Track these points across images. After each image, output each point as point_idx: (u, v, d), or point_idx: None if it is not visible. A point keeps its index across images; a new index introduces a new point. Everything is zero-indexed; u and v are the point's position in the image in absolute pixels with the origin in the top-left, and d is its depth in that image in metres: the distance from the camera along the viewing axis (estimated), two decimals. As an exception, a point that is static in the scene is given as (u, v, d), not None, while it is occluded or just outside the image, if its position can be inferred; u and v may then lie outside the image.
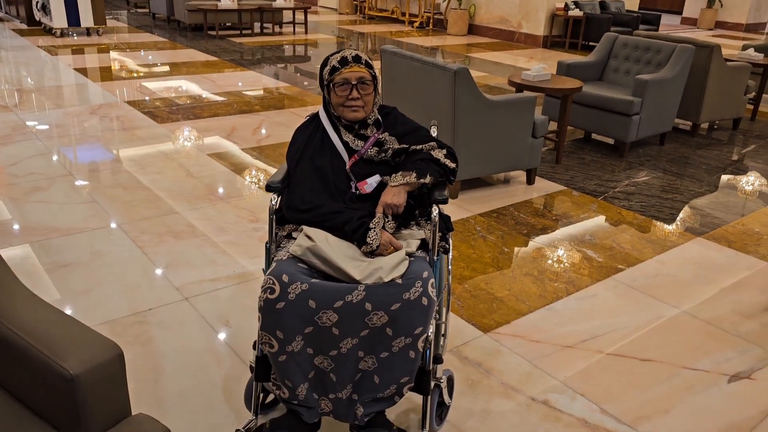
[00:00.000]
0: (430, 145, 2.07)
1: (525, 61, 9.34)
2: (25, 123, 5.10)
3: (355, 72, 2.00)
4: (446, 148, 2.09)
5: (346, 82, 2.00)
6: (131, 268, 3.00)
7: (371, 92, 2.04)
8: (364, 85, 2.01)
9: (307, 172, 2.01)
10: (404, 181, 1.96)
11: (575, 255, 3.37)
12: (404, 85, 4.09)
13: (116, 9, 13.28)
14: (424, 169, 1.98)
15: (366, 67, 2.02)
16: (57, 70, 7.22)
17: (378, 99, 2.11)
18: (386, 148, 2.06)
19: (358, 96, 2.01)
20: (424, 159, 2.02)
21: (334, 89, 2.02)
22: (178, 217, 3.58)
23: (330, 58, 2.04)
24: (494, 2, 11.22)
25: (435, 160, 2.02)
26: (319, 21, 12.91)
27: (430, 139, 2.11)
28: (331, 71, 2.02)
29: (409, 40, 10.95)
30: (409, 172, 1.97)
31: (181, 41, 9.64)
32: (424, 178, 1.97)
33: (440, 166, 2.02)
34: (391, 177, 1.99)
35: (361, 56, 2.03)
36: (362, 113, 2.04)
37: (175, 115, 5.59)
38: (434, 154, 2.04)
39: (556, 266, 3.24)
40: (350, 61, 2.00)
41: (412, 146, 2.06)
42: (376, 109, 2.10)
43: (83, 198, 3.75)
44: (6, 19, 10.80)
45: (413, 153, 2.06)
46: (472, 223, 3.71)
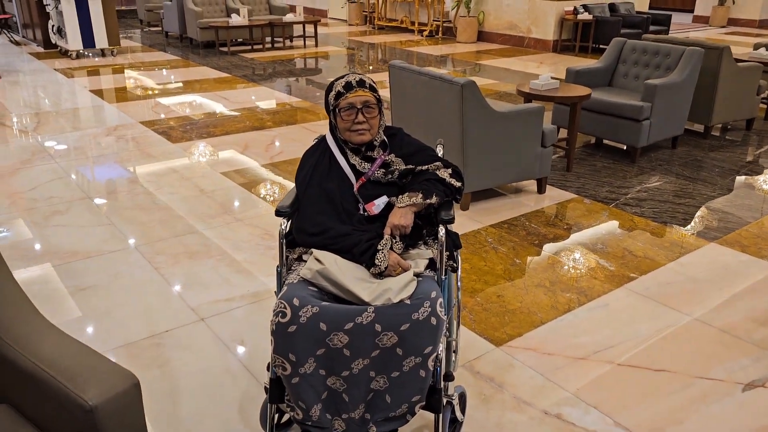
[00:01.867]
0: (436, 165, 2.11)
1: (535, 67, 9.34)
2: (44, 146, 5.22)
3: (359, 96, 2.04)
4: (451, 168, 2.12)
5: (352, 106, 2.04)
6: (148, 290, 3.06)
7: (376, 115, 2.08)
8: (369, 108, 2.05)
9: (316, 196, 2.05)
10: (410, 202, 1.99)
11: (587, 264, 3.38)
12: (413, 100, 4.14)
13: (130, 28, 13.50)
14: (430, 190, 2.02)
15: (370, 91, 2.06)
16: (73, 92, 7.37)
17: (383, 121, 2.15)
18: (393, 170, 2.10)
19: (364, 119, 2.05)
20: (430, 179, 2.05)
21: (340, 114, 2.06)
22: (193, 236, 3.64)
23: (335, 84, 2.09)
24: (503, 8, 11.25)
25: (441, 180, 2.06)
26: (330, 33, 13.02)
27: (435, 158, 2.14)
28: (336, 96, 2.06)
29: (418, 49, 11.01)
30: (415, 193, 2.01)
31: (193, 59, 9.79)
32: (430, 199, 2.00)
33: (446, 185, 2.06)
34: (397, 198, 2.03)
35: (365, 80, 2.07)
36: (368, 136, 2.08)
37: (189, 133, 5.69)
38: (440, 174, 2.08)
39: (568, 276, 3.25)
40: (354, 86, 2.04)
41: (418, 167, 2.10)
42: (381, 130, 2.15)
43: (101, 220, 3.83)
44: (23, 43, 11.03)
45: (419, 173, 2.10)
46: (483, 234, 3.73)
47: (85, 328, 2.74)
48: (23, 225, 3.75)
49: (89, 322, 2.79)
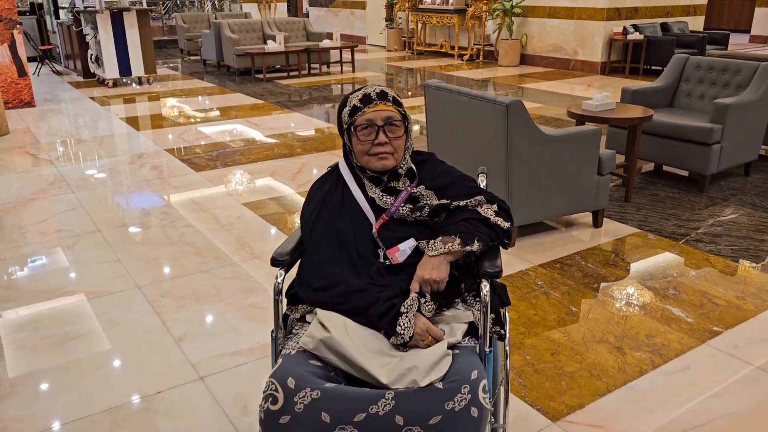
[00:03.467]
0: (477, 200, 1.66)
1: (583, 90, 8.82)
2: (63, 176, 4.97)
3: (380, 111, 1.62)
4: (497, 203, 1.67)
5: (371, 124, 1.62)
6: (146, 340, 2.68)
7: (402, 135, 1.66)
8: (392, 126, 1.64)
9: (324, 239, 1.63)
10: (445, 249, 1.55)
11: (659, 314, 2.85)
12: (451, 122, 3.71)
13: (171, 58, 13.55)
14: (469, 233, 1.57)
15: (394, 105, 1.65)
16: (104, 120, 7.21)
17: (410, 143, 1.72)
18: (422, 205, 1.66)
19: (386, 140, 1.63)
20: (470, 219, 1.61)
21: (356, 133, 1.65)
22: (204, 276, 3.26)
23: (350, 97, 1.68)
24: (547, 30, 10.80)
25: (483, 220, 1.61)
26: (368, 59, 12.77)
27: (476, 191, 1.70)
28: (351, 112, 1.65)
29: (459, 73, 10.63)
30: (451, 237, 1.56)
31: (228, 86, 9.62)
32: (471, 245, 1.55)
33: (490, 226, 1.61)
34: (428, 243, 1.59)
35: (387, 92, 1.66)
36: (392, 161, 1.66)
37: (214, 161, 5.38)
38: (482, 212, 1.63)
39: (636, 329, 2.73)
40: (374, 99, 1.63)
41: (455, 202, 1.66)
42: (408, 155, 1.72)
43: (107, 256, 3.50)
44: (65, 73, 11.11)
45: (456, 211, 1.65)
46: (532, 276, 3.23)
47: (67, 388, 2.36)
48: (24, 261, 3.44)
49: (73, 379, 2.41)
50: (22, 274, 3.30)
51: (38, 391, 2.34)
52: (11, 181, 4.86)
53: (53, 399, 2.30)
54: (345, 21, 15.90)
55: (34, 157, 5.58)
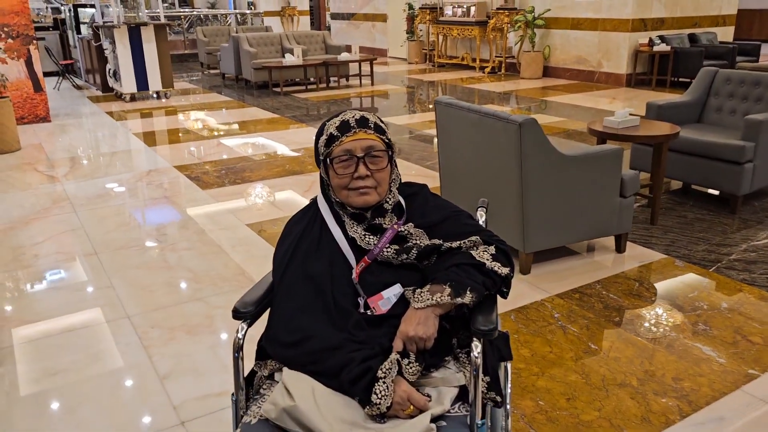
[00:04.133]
0: (472, 241, 1.44)
1: (607, 102, 8.53)
2: (68, 195, 4.87)
3: (360, 140, 1.43)
4: (494, 244, 1.45)
5: (349, 155, 1.43)
6: (128, 378, 2.50)
7: (385, 166, 1.46)
8: (374, 157, 1.44)
9: (297, 284, 1.43)
10: (433, 300, 1.34)
11: (687, 354, 2.59)
12: (462, 141, 3.49)
13: (191, 71, 13.57)
14: (461, 281, 1.35)
15: (376, 133, 1.45)
16: (117, 136, 7.15)
17: (397, 174, 1.52)
18: (410, 246, 1.45)
19: (367, 173, 1.43)
20: (462, 264, 1.39)
21: (333, 166, 1.45)
22: (198, 305, 3.09)
23: (327, 125, 1.49)
24: (571, 42, 10.53)
25: (478, 265, 1.39)
26: (389, 72, 12.63)
27: (471, 230, 1.48)
28: (327, 141, 1.46)
29: (480, 86, 10.41)
30: (440, 286, 1.35)
31: (245, 100, 9.54)
32: (462, 296, 1.34)
33: (486, 273, 1.39)
34: (414, 293, 1.38)
35: (368, 118, 1.46)
36: (374, 196, 1.45)
37: (222, 179, 5.23)
38: (476, 256, 1.41)
39: (662, 371, 2.47)
40: (353, 126, 1.43)
41: (446, 243, 1.44)
42: (395, 188, 1.51)
43: (100, 282, 3.34)
44: (85, 87, 11.16)
45: (448, 253, 1.44)
46: (548, 307, 2.99)
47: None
48: (13, 287, 3.30)
49: (45, 422, 2.24)
50: (3, 301, 3.16)
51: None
52: (15, 200, 4.77)
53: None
54: (366, 34, 15.81)
55: (42, 174, 5.50)
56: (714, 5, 10.59)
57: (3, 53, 7.32)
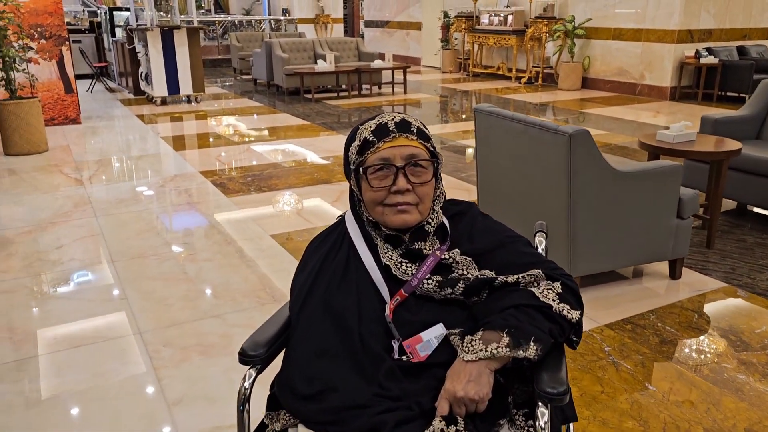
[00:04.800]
0: (533, 276, 1.18)
1: (650, 116, 8.16)
2: (90, 199, 4.73)
3: (401, 147, 1.18)
4: (561, 280, 1.19)
5: (387, 164, 1.18)
6: (132, 403, 2.28)
7: (430, 180, 1.21)
8: (417, 168, 1.19)
9: (317, 322, 1.18)
10: (488, 352, 1.08)
11: (760, 400, 2.27)
12: (503, 153, 3.23)
13: (224, 77, 13.54)
14: (523, 329, 1.09)
15: (419, 139, 1.20)
16: (145, 139, 7.04)
17: (442, 190, 1.27)
18: (455, 278, 1.20)
19: (407, 187, 1.18)
20: (523, 306, 1.13)
21: (367, 177, 1.20)
22: (214, 322, 2.87)
23: (360, 129, 1.25)
24: (612, 53, 10.17)
25: (542, 308, 1.13)
26: (422, 80, 12.40)
27: (532, 260, 1.22)
28: (361, 148, 1.22)
29: (516, 96, 10.11)
30: (496, 334, 1.09)
31: (276, 106, 9.40)
32: (524, 348, 1.08)
33: (552, 318, 1.13)
34: (463, 339, 1.12)
35: (410, 121, 1.22)
36: (415, 215, 1.21)
37: (248, 186, 5.04)
38: (540, 295, 1.15)
39: (731, 420, 2.16)
40: (392, 131, 1.19)
41: (501, 276, 1.19)
42: (438, 207, 1.26)
43: (114, 294, 3.16)
44: (117, 90, 11.17)
45: (502, 289, 1.18)
46: (597, 339, 2.70)
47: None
48: (23, 296, 3.13)
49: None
50: (11, 312, 2.98)
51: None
52: (37, 202, 4.64)
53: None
54: (400, 42, 15.63)
55: (66, 176, 5.39)
56: (766, 17, 10.13)
57: (35, 54, 7.29)
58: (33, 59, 7.30)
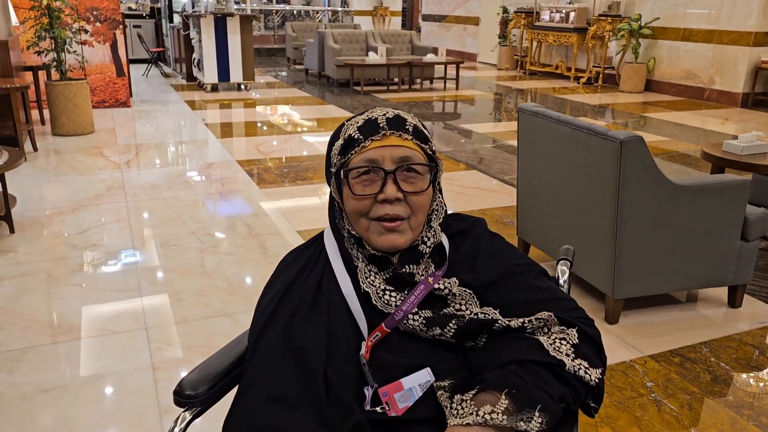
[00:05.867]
0: (542, 320, 0.94)
1: (718, 124, 7.62)
2: (124, 183, 4.68)
3: (391, 147, 0.97)
4: (579, 324, 0.94)
5: (374, 166, 0.96)
6: (124, 408, 2.14)
7: (426, 188, 0.98)
8: (410, 173, 0.97)
9: (275, 359, 0.97)
10: (479, 417, 0.84)
11: (828, 463, 1.94)
12: (546, 158, 2.95)
13: (278, 66, 13.54)
14: (526, 392, 0.86)
15: (415, 139, 0.98)
16: (190, 125, 7.01)
17: (441, 203, 1.04)
18: (447, 314, 0.97)
19: (398, 195, 0.96)
20: (529, 362, 0.89)
21: (349, 182, 0.99)
22: (224, 322, 2.71)
23: (346, 125, 1.03)
24: (679, 55, 9.58)
25: (552, 366, 0.89)
26: (477, 77, 12.05)
27: (545, 296, 0.98)
28: (344, 147, 1.00)
29: (573, 97, 9.66)
30: (493, 395, 0.86)
31: (325, 97, 9.26)
32: (527, 419, 0.84)
33: (564, 380, 0.88)
34: (452, 399, 0.89)
35: (405, 118, 0.99)
36: (408, 235, 0.99)
37: (282, 177, 4.90)
38: (550, 348, 0.91)
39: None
40: (383, 128, 0.97)
41: (503, 319, 0.95)
42: (437, 224, 1.03)
43: (127, 284, 3.05)
44: (172, 75, 11.29)
45: (504, 337, 0.94)
46: (639, 372, 2.40)
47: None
48: (37, 281, 3.06)
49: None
50: (21, 297, 2.90)
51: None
52: (71, 183, 4.62)
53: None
54: (456, 37, 15.28)
55: (106, 159, 5.38)
56: None
57: (90, 36, 7.36)
58: (87, 42, 7.38)
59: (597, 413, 0.93)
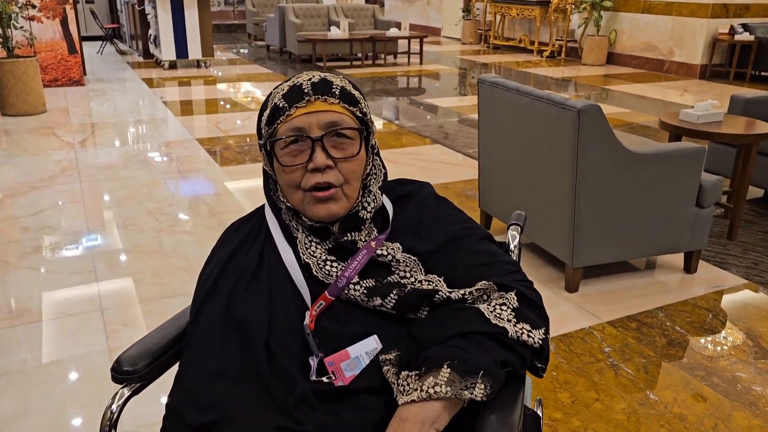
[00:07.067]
0: (482, 289, 0.92)
1: (677, 95, 7.74)
2: (78, 163, 4.54)
3: (317, 114, 0.93)
4: (516, 288, 0.93)
5: (301, 135, 0.93)
6: (81, 387, 2.09)
7: (357, 153, 0.95)
8: (340, 138, 0.94)
9: (215, 333, 0.95)
10: (423, 393, 0.83)
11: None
12: (508, 128, 2.94)
13: (238, 42, 13.25)
14: (469, 361, 0.84)
15: (342, 102, 0.94)
16: (147, 104, 6.82)
17: (378, 165, 1.02)
18: (390, 283, 0.95)
19: (328, 162, 0.93)
20: (472, 333, 0.87)
21: (277, 155, 0.95)
22: (183, 301, 2.63)
23: (273, 93, 0.99)
24: (640, 27, 9.67)
25: (495, 334, 0.87)
26: (441, 51, 11.99)
27: (486, 262, 0.96)
28: (271, 117, 0.96)
29: (537, 70, 9.69)
30: (436, 371, 0.84)
31: (287, 73, 9.11)
32: (471, 387, 0.83)
33: (508, 346, 0.87)
34: (399, 375, 0.88)
35: (331, 81, 0.95)
36: (344, 203, 0.96)
37: (243, 155, 4.81)
38: (492, 316, 0.89)
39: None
40: (308, 93, 0.93)
41: (442, 291, 0.93)
42: (376, 187, 1.01)
43: (83, 266, 2.96)
44: (128, 53, 10.96)
45: (446, 308, 0.93)
46: (597, 338, 2.44)
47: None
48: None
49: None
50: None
51: None
52: (23, 165, 4.46)
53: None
54: (420, 11, 15.16)
55: (59, 139, 5.20)
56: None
57: (38, 11, 7.07)
58: (36, 17, 7.09)
59: (545, 373, 0.93)
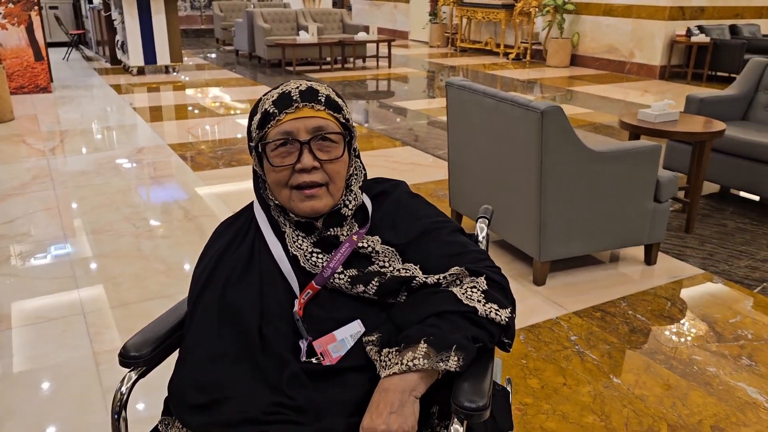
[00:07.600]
0: (455, 274, 1.03)
1: (638, 95, 8.00)
2: (50, 170, 4.53)
3: (305, 119, 1.03)
4: (486, 274, 1.04)
5: (290, 138, 1.02)
6: (66, 390, 2.14)
7: (341, 155, 1.05)
8: (325, 142, 1.03)
9: (211, 321, 1.03)
10: (403, 365, 0.93)
11: (729, 395, 2.16)
12: (475, 130, 3.07)
13: (206, 47, 13.21)
14: (442, 337, 0.95)
15: (328, 110, 1.04)
16: (116, 110, 6.80)
17: (359, 166, 1.12)
18: (371, 272, 1.05)
19: (314, 164, 1.03)
20: (446, 313, 0.98)
21: (268, 156, 1.05)
22: (164, 304, 2.69)
23: (263, 99, 1.08)
24: (601, 30, 9.96)
25: (466, 313, 0.98)
26: (409, 55, 12.14)
27: (457, 252, 1.07)
28: (261, 122, 1.05)
29: (503, 73, 9.90)
30: (414, 347, 0.95)
31: (257, 78, 9.14)
32: (446, 359, 0.93)
33: (478, 323, 0.98)
34: (380, 353, 0.98)
35: (317, 89, 1.05)
36: (327, 200, 1.06)
37: (216, 160, 4.86)
38: (463, 297, 1.00)
39: (698, 417, 2.05)
40: (296, 100, 1.03)
41: (419, 277, 1.04)
42: (357, 186, 1.11)
43: (61, 271, 2.99)
44: (95, 59, 10.86)
45: (422, 292, 1.03)
46: (564, 327, 2.58)
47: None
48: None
49: (-44, 443, 1.89)
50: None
51: None
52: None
53: None
54: (387, 15, 15.30)
55: (29, 147, 5.18)
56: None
57: (2, 18, 6.99)
58: (1, 24, 7.01)
59: (511, 347, 1.04)
